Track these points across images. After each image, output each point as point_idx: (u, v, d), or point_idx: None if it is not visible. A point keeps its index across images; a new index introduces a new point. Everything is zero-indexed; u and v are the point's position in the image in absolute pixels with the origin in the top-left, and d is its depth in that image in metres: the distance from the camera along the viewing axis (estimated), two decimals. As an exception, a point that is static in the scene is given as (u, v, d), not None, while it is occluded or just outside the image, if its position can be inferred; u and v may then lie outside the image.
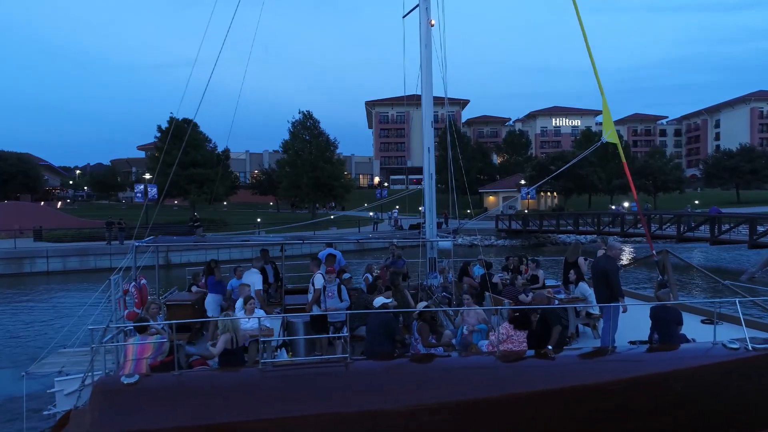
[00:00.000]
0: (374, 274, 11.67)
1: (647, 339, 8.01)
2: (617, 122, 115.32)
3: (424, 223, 12.83)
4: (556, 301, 9.73)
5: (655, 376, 6.91)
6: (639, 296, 12.46)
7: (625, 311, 8.27)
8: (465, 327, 8.60)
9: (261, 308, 9.42)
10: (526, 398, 6.66)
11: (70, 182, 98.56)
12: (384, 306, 7.86)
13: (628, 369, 7.01)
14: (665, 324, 7.78)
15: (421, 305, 8.43)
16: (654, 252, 10.48)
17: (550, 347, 7.22)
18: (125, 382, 6.09)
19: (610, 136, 9.91)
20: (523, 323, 7.66)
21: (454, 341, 8.55)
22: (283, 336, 8.84)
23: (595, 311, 9.59)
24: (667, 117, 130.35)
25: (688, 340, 7.81)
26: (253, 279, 10.26)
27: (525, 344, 7.58)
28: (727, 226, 29.49)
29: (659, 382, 6.89)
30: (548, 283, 11.75)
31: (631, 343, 8.00)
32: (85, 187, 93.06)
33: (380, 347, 7.35)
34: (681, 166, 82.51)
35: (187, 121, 46.51)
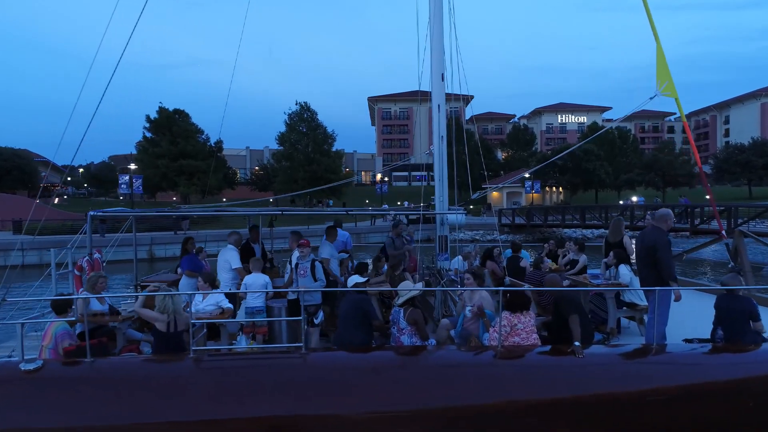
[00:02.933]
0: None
1: (709, 337, 6.19)
2: (623, 119, 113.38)
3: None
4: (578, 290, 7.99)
5: (718, 385, 5.24)
6: (699, 285, 10.39)
7: (678, 299, 6.37)
8: (467, 310, 6.80)
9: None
10: (536, 407, 5.10)
11: (68, 179, 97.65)
12: (359, 286, 6.68)
13: (680, 374, 5.33)
14: (734, 317, 5.96)
15: (406, 285, 6.79)
16: (724, 232, 8.58)
17: (577, 344, 5.53)
18: (23, 369, 5.08)
19: (665, 89, 7.83)
20: (519, 304, 5.93)
21: (453, 333, 6.96)
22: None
23: (643, 301, 7.70)
24: (675, 113, 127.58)
25: (765, 340, 5.99)
26: (228, 256, 8.80)
27: (535, 336, 5.91)
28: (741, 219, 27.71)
29: (724, 393, 5.24)
30: (592, 272, 9.81)
31: (687, 341, 6.13)
32: (85, 184, 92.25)
33: (352, 336, 6.13)
34: (691, 160, 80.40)
35: (178, 112, 45.30)
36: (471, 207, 50.66)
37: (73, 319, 6.23)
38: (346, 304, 6.46)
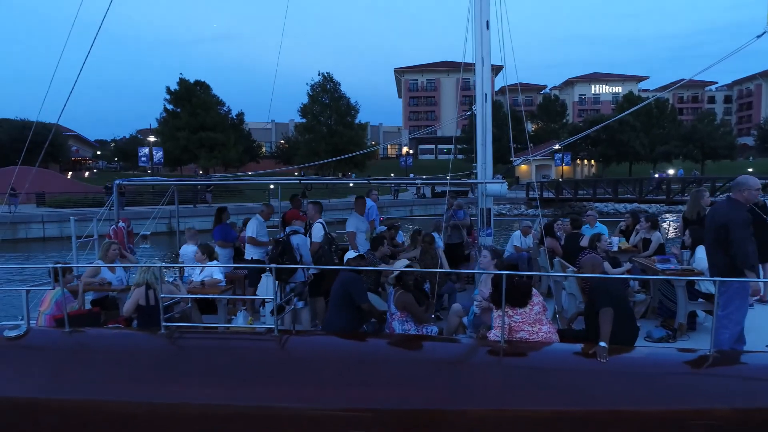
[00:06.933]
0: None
1: None
2: (660, 89, 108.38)
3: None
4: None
5: None
6: None
7: (756, 293, 5.20)
8: (476, 302, 5.89)
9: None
10: (532, 419, 4.18)
11: (98, 153, 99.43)
12: (354, 262, 6.17)
13: (748, 394, 4.17)
14: None
15: (401, 264, 5.98)
16: None
17: (603, 344, 4.49)
18: (5, 336, 5.22)
19: None
20: (511, 295, 4.84)
21: (465, 320, 6.08)
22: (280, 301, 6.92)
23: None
24: (716, 83, 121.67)
25: None
26: (248, 225, 8.56)
27: (546, 328, 4.95)
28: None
29: None
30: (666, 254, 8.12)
31: None
32: (116, 158, 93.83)
33: (334, 319, 5.69)
34: (732, 131, 76.34)
35: (198, 83, 44.78)
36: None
37: (75, 284, 6.50)
38: (335, 283, 5.88)
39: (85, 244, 7.88)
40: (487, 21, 7.32)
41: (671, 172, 55.49)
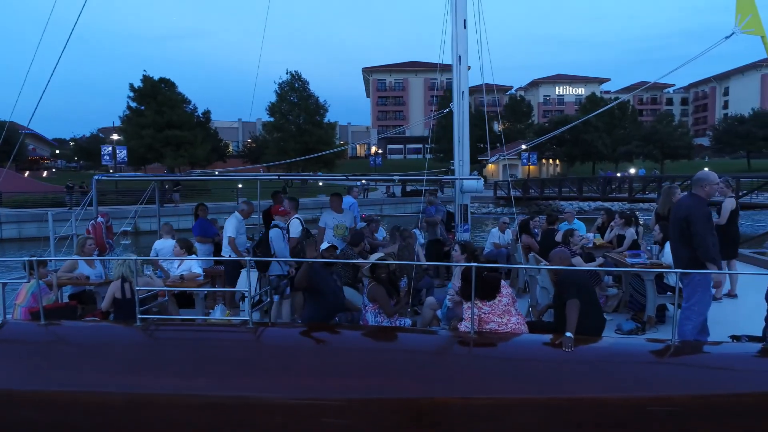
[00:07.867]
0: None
1: (762, 334, 5.12)
2: (621, 90, 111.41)
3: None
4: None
5: (758, 397, 4.21)
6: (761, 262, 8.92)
7: (717, 285, 5.41)
8: (449, 295, 6.01)
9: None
10: (496, 406, 4.32)
11: (57, 152, 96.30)
12: (326, 251, 6.25)
13: (708, 381, 4.35)
14: None
15: (374, 256, 6.15)
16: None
17: (569, 334, 4.63)
18: None
19: (747, 25, 6.00)
20: (479, 289, 4.94)
21: (439, 313, 6.23)
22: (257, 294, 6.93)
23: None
24: (674, 85, 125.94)
25: None
26: (226, 224, 8.32)
27: (515, 319, 5.06)
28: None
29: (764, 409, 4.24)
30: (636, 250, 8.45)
31: (734, 338, 5.15)
32: (75, 157, 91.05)
33: (309, 311, 5.83)
34: (689, 132, 79.15)
35: (163, 81, 43.91)
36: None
37: (49, 279, 6.49)
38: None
39: (59, 241, 7.75)
40: (464, 20, 7.48)
41: (633, 171, 57.21)
